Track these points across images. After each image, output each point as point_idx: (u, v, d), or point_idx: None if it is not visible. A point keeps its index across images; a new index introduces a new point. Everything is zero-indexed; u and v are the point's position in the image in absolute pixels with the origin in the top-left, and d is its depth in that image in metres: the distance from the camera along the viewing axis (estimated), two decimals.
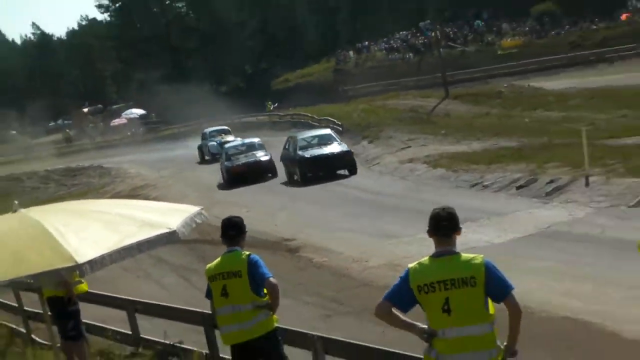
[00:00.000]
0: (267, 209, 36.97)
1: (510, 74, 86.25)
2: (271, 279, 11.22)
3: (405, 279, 8.41)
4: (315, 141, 47.59)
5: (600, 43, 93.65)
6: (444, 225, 8.47)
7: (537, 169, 33.06)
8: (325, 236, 29.24)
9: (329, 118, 67.83)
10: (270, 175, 50.37)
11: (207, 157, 68.59)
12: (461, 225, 8.50)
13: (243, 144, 54.22)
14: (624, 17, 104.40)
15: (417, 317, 8.49)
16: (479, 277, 8.16)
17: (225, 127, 75.82)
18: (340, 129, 61.04)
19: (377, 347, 11.32)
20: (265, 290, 11.28)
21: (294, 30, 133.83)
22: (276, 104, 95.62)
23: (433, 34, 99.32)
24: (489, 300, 8.31)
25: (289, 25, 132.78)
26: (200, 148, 70.52)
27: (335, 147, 46.27)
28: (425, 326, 8.38)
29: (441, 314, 8.21)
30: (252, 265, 11.27)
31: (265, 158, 51.33)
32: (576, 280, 19.79)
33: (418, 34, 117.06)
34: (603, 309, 16.75)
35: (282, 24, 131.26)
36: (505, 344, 8.31)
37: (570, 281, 19.83)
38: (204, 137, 71.50)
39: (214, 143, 67.20)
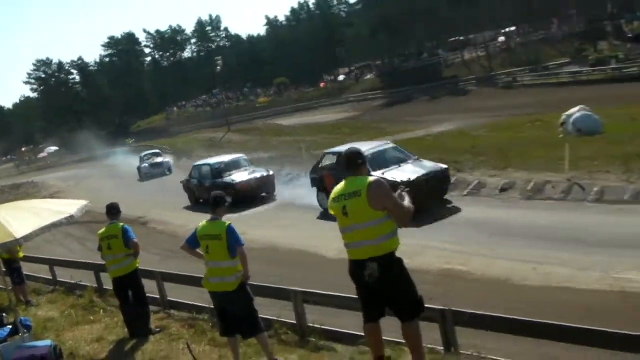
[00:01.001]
0: None
1: (263, 116, 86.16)
2: (134, 240, 11.31)
3: (195, 231, 8.85)
4: (384, 158, 21.15)
5: (311, 99, 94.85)
6: (213, 203, 8.88)
7: (280, 168, 32.79)
8: (164, 214, 28.87)
9: (164, 146, 65.52)
10: (265, 194, 27.75)
11: (141, 176, 47.53)
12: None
13: (230, 161, 29.95)
14: (322, 84, 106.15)
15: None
16: (223, 234, 8.52)
17: (157, 150, 53.55)
18: (170, 150, 59.70)
19: (196, 275, 11.19)
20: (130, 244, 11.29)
21: (142, 96, 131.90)
22: (133, 139, 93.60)
23: (220, 96, 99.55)
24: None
25: (139, 93, 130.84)
26: (138, 169, 48.64)
27: (427, 164, 20.75)
28: None
29: (206, 253, 8.68)
30: (124, 231, 11.32)
31: (270, 173, 28.58)
32: (303, 230, 20.19)
33: (212, 97, 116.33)
34: (318, 243, 17.25)
35: (135, 93, 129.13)
36: (242, 272, 8.62)
37: (299, 230, 20.18)
38: (140, 159, 49.90)
39: (146, 164, 48.02)
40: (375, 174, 17.86)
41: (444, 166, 20.76)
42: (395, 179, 18.49)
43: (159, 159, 49.04)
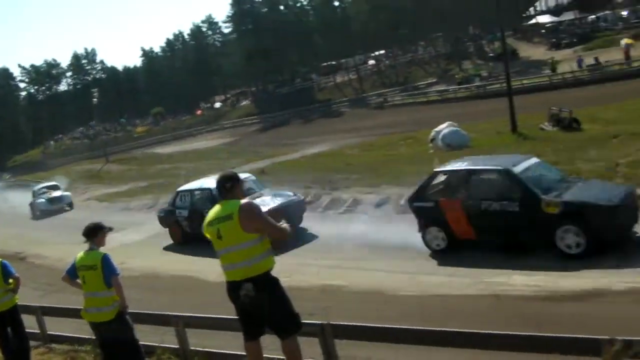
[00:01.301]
0: None
1: (142, 146, 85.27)
2: (15, 274, 10.80)
3: (74, 262, 8.69)
4: (542, 176, 13.83)
5: (189, 127, 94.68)
6: (86, 234, 8.66)
7: (157, 196, 32.71)
8: (43, 248, 27.40)
9: (43, 180, 62.77)
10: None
11: (36, 214, 40.40)
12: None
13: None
14: (199, 112, 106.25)
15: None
16: (99, 264, 8.39)
17: (55, 183, 45.24)
18: (56, 183, 57.25)
19: (76, 307, 10.78)
20: (10, 280, 10.70)
21: (17, 130, 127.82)
22: (10, 175, 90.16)
23: (98, 127, 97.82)
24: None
25: (14, 127, 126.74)
26: (31, 206, 41.61)
27: (604, 185, 14.57)
28: None
29: (83, 283, 8.58)
30: (4, 267, 10.76)
31: (299, 198, 20.76)
32: (183, 256, 19.84)
33: (89, 129, 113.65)
34: (200, 268, 16.92)
35: (9, 127, 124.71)
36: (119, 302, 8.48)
37: (180, 256, 19.89)
38: (33, 194, 42.23)
39: (42, 200, 40.63)
40: (549, 198, 12.78)
41: (632, 186, 14.32)
42: (587, 202, 12.57)
43: (57, 193, 41.82)
